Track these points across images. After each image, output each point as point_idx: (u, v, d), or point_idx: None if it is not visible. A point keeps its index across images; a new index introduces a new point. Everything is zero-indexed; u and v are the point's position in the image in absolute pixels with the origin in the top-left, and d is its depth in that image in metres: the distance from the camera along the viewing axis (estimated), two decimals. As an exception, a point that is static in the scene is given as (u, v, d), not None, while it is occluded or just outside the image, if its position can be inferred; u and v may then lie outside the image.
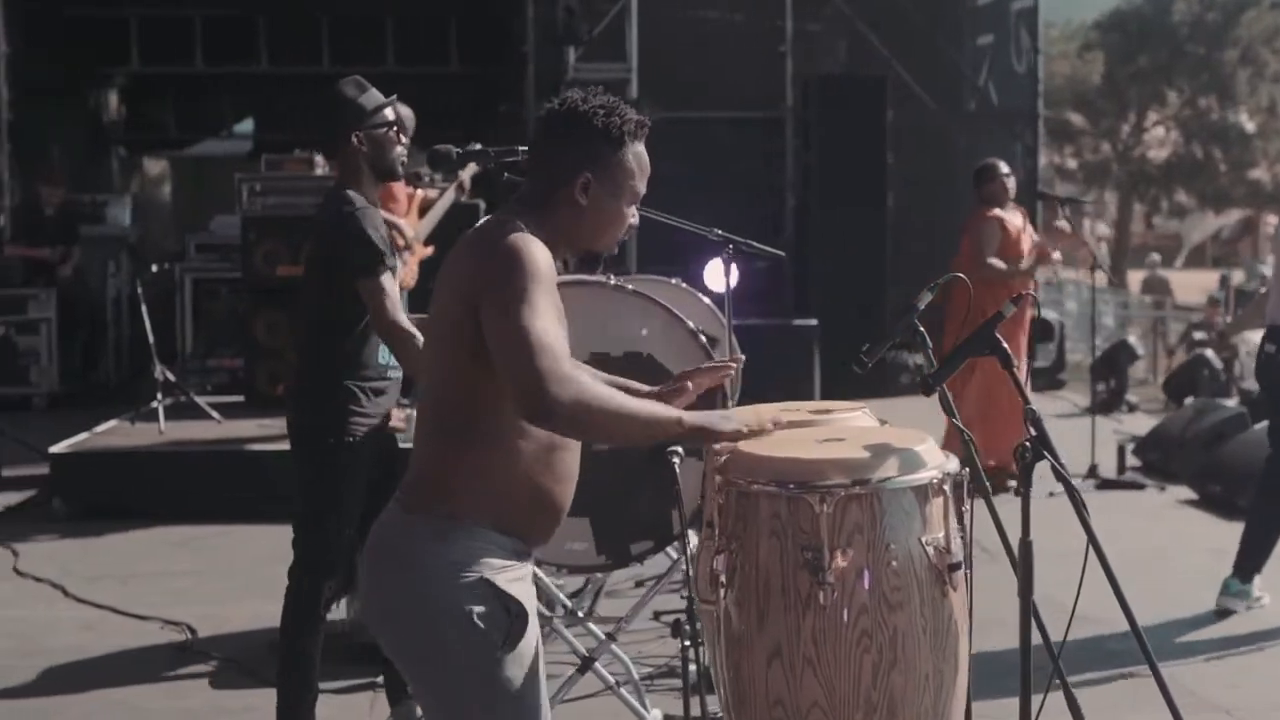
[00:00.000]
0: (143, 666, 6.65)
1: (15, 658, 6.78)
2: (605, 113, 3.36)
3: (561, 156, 3.35)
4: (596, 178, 3.34)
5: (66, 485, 9.70)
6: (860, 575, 3.19)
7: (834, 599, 3.17)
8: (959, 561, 3.26)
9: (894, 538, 3.20)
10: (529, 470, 3.28)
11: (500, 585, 3.25)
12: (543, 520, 3.36)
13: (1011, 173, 10.51)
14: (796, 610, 3.19)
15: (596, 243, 3.45)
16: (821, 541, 3.16)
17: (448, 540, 3.25)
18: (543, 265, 3.21)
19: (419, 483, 3.33)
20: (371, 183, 5.37)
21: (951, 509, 3.30)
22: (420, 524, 3.28)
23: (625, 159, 3.38)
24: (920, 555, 3.23)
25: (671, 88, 15.70)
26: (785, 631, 3.21)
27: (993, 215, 10.18)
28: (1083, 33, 38.96)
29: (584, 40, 14.91)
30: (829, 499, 3.17)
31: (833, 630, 3.18)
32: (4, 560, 8.53)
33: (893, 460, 3.24)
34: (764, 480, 3.26)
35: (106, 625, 7.29)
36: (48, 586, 7.96)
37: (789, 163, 15.99)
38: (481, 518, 3.26)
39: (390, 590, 3.32)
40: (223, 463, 9.57)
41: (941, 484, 3.26)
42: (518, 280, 3.16)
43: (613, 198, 3.37)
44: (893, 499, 3.21)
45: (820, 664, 3.18)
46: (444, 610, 3.24)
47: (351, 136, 5.26)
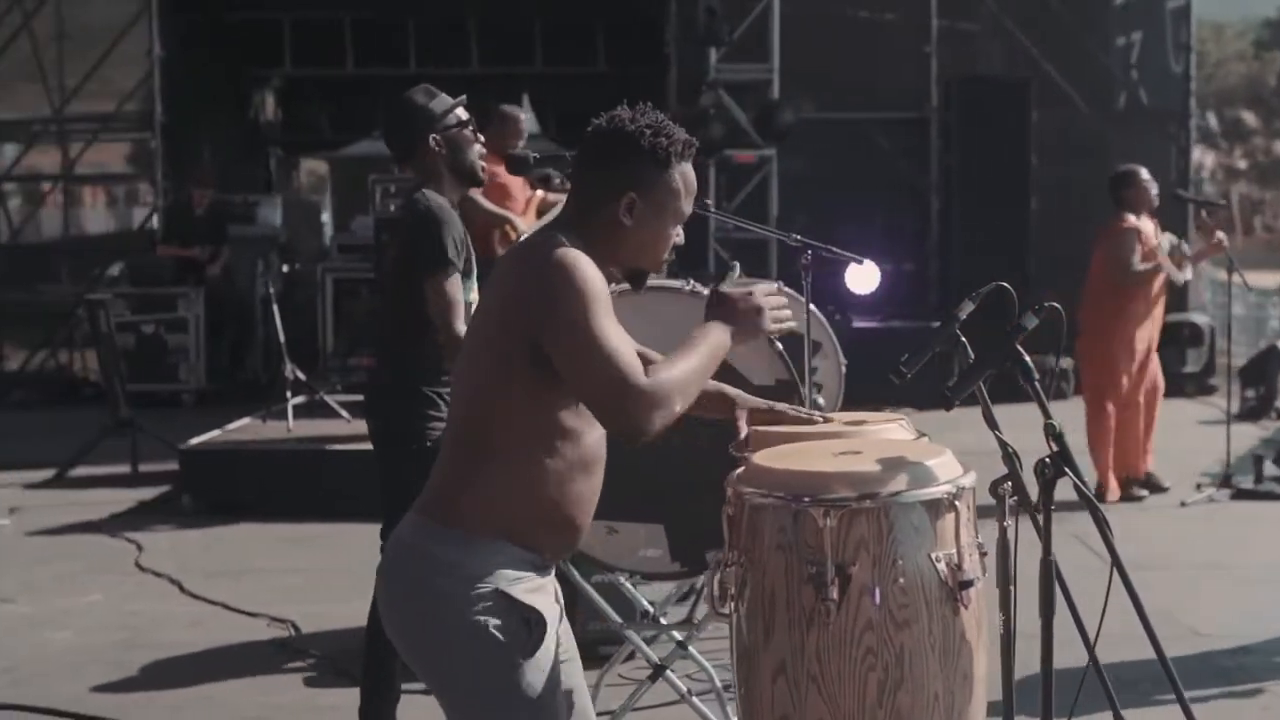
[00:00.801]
0: (241, 662, 6.75)
1: (123, 650, 6.93)
2: (653, 133, 3.31)
3: (607, 176, 3.32)
4: (642, 198, 3.30)
5: (195, 481, 9.90)
6: (866, 591, 3.11)
7: (838, 615, 3.10)
8: (971, 579, 3.17)
9: (902, 553, 3.13)
10: (547, 491, 3.26)
11: (516, 596, 3.23)
12: (559, 539, 3.33)
13: (1152, 179, 10.15)
14: (801, 626, 3.13)
15: (640, 262, 3.41)
16: (826, 556, 3.10)
17: (463, 553, 3.24)
18: (595, 279, 3.18)
19: (437, 496, 3.33)
20: (452, 185, 5.37)
21: (966, 525, 3.21)
22: (436, 537, 3.28)
23: (671, 180, 3.33)
24: (930, 572, 3.15)
25: (817, 88, 15.60)
26: (790, 647, 3.15)
27: (1129, 226, 9.90)
28: (1256, 30, 38.02)
29: (725, 41, 14.85)
30: (834, 512, 3.10)
31: (837, 647, 3.11)
32: (128, 554, 8.74)
33: (903, 474, 3.16)
34: (771, 492, 3.21)
35: (215, 621, 7.41)
36: (165, 581, 8.13)
37: (933, 164, 15.80)
38: (496, 532, 3.24)
39: (407, 603, 3.32)
40: (344, 461, 9.68)
41: (953, 499, 3.17)
42: (582, 304, 3.13)
43: (657, 218, 3.33)
44: (901, 513, 3.13)
45: (825, 681, 3.12)
46: (460, 623, 3.22)
47: (429, 140, 5.28)
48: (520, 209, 9.11)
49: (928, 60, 15.70)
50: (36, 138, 17.47)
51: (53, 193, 17.52)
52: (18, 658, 6.85)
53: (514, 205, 8.99)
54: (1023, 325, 3.43)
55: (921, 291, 15.63)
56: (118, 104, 16.72)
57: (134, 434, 11.09)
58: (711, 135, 14.86)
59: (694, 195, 3.42)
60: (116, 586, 8.09)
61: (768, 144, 15.18)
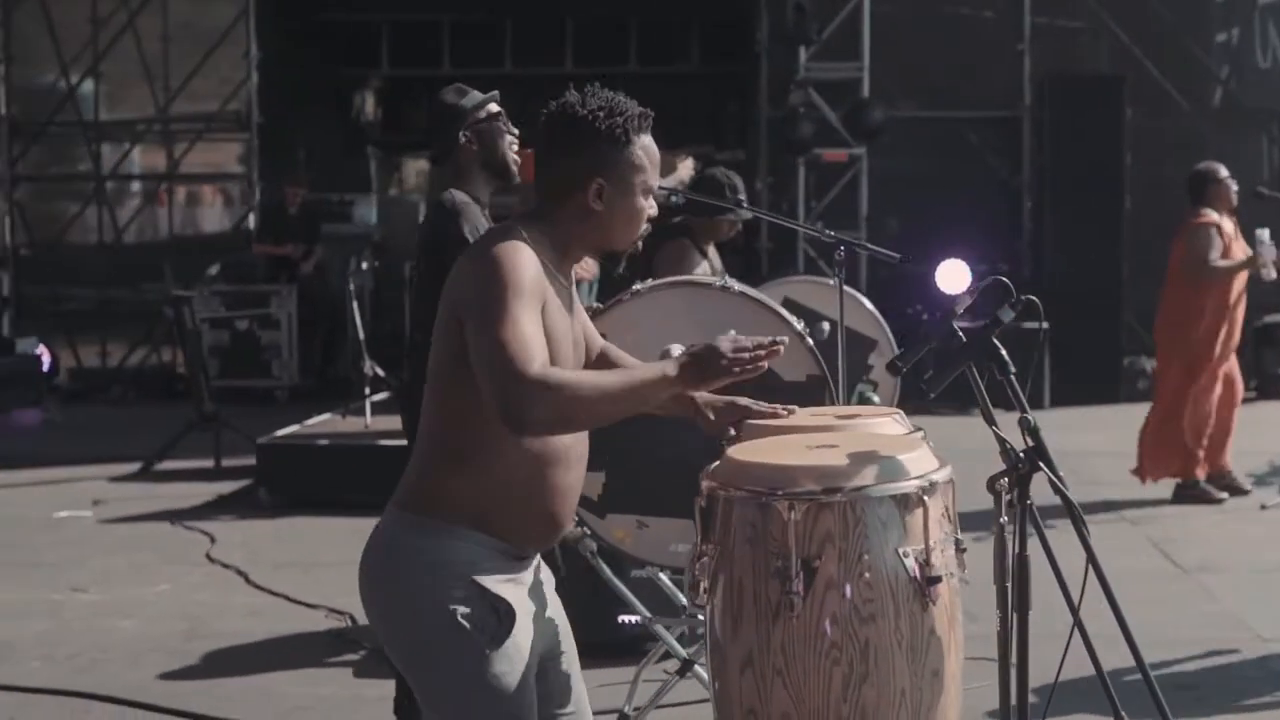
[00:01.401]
0: (295, 653, 6.85)
1: (183, 640, 7.06)
2: (605, 114, 3.32)
3: (570, 164, 3.32)
4: (608, 181, 3.31)
5: (272, 475, 10.04)
6: (832, 585, 3.11)
7: (803, 609, 3.10)
8: (939, 575, 3.16)
9: (868, 548, 3.11)
10: (516, 482, 3.27)
11: (487, 586, 3.26)
12: (534, 530, 3.35)
13: (1231, 177, 10.00)
14: (767, 619, 3.13)
15: (615, 243, 3.43)
16: (790, 549, 3.10)
17: (433, 542, 3.28)
18: (525, 273, 3.18)
19: (408, 485, 3.37)
20: (484, 182, 5.41)
21: (938, 521, 3.19)
22: (409, 526, 3.32)
23: (634, 156, 3.33)
24: (897, 567, 3.13)
25: (908, 86, 15.51)
26: (756, 640, 3.15)
27: (1208, 221, 9.77)
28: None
29: (813, 39, 14.81)
30: (799, 506, 3.10)
31: (802, 641, 3.10)
32: (201, 546, 8.89)
33: (871, 468, 3.15)
34: (740, 485, 3.21)
35: (275, 612, 7.52)
36: (233, 573, 8.26)
37: (1026, 163, 15.65)
38: (468, 521, 3.27)
39: (381, 592, 3.37)
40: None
41: (923, 494, 3.16)
42: (495, 290, 3.14)
43: (626, 197, 3.34)
44: (868, 508, 3.12)
45: (790, 675, 3.12)
46: (430, 611, 3.27)
47: (460, 136, 5.32)
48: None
49: (1021, 58, 15.55)
50: (141, 137, 17.80)
51: (158, 192, 17.82)
52: (83, 645, 7.00)
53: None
54: (999, 319, 3.40)
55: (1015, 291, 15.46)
56: (221, 104, 16.99)
57: (217, 429, 11.27)
58: (801, 134, 14.85)
59: (658, 165, 3.40)
60: (184, 577, 8.24)
61: (858, 143, 15.12)
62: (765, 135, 15.73)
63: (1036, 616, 3.41)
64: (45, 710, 6.16)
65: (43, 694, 6.27)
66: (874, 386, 7.28)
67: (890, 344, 7.43)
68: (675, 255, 7.28)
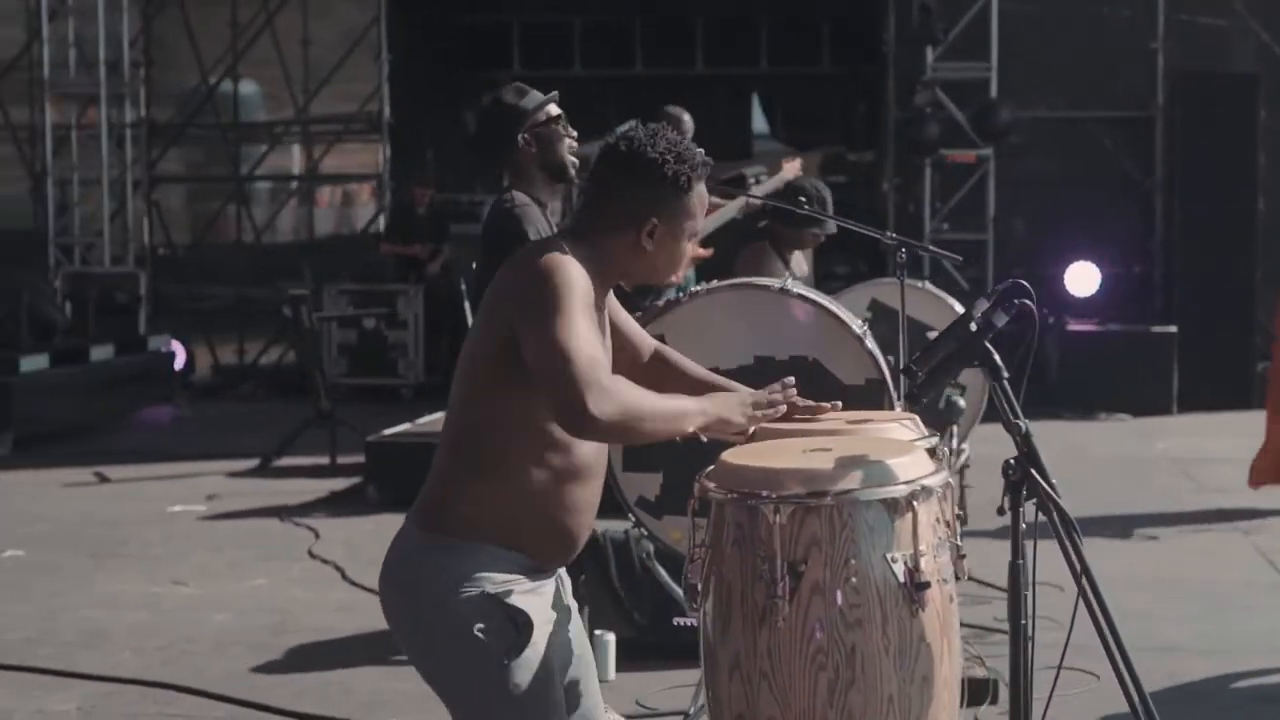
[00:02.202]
0: (379, 649, 6.89)
1: (270, 634, 7.17)
2: (675, 160, 3.36)
3: (629, 201, 3.36)
4: (663, 222, 3.35)
5: (381, 473, 10.16)
6: (817, 590, 3.08)
7: (788, 613, 3.08)
8: (927, 581, 3.11)
9: (854, 553, 3.08)
10: (537, 499, 3.31)
11: (504, 598, 3.29)
12: (552, 547, 3.38)
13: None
14: (754, 623, 3.12)
15: (657, 279, 3.54)
16: (776, 553, 3.08)
17: (451, 558, 3.32)
18: (578, 282, 3.23)
19: (428, 500, 3.41)
20: (543, 183, 5.42)
21: (930, 526, 3.15)
22: (426, 541, 3.37)
23: (690, 203, 3.39)
24: (884, 572, 3.10)
25: (1037, 85, 15.28)
26: (744, 644, 3.13)
27: None
28: None
29: (939, 39, 14.67)
30: (784, 509, 3.08)
31: (787, 645, 3.08)
32: (304, 542, 9.02)
33: (858, 472, 3.12)
34: (729, 488, 3.20)
35: (367, 608, 7.58)
36: (330, 568, 8.37)
37: (1158, 164, 15.35)
38: (486, 535, 3.31)
39: (400, 607, 3.43)
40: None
41: (912, 499, 3.12)
42: (552, 296, 3.18)
43: (675, 240, 3.39)
44: (854, 512, 3.09)
45: (776, 679, 3.10)
46: (448, 626, 3.31)
47: (519, 138, 5.34)
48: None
49: (1154, 56, 15.26)
50: (279, 139, 18.12)
51: (295, 193, 18.12)
52: (174, 637, 7.13)
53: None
54: (992, 322, 3.34)
55: (1146, 294, 15.21)
56: (360, 105, 17.24)
57: (333, 426, 11.44)
58: (927, 135, 14.72)
59: (706, 209, 3.48)
60: (283, 572, 8.37)
61: (985, 143, 14.94)
62: (892, 136, 15.59)
63: (1135, 627, 3.34)
64: (127, 699, 6.29)
65: (125, 683, 6.41)
66: (961, 390, 7.19)
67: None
68: (753, 259, 7.27)
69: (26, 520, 9.81)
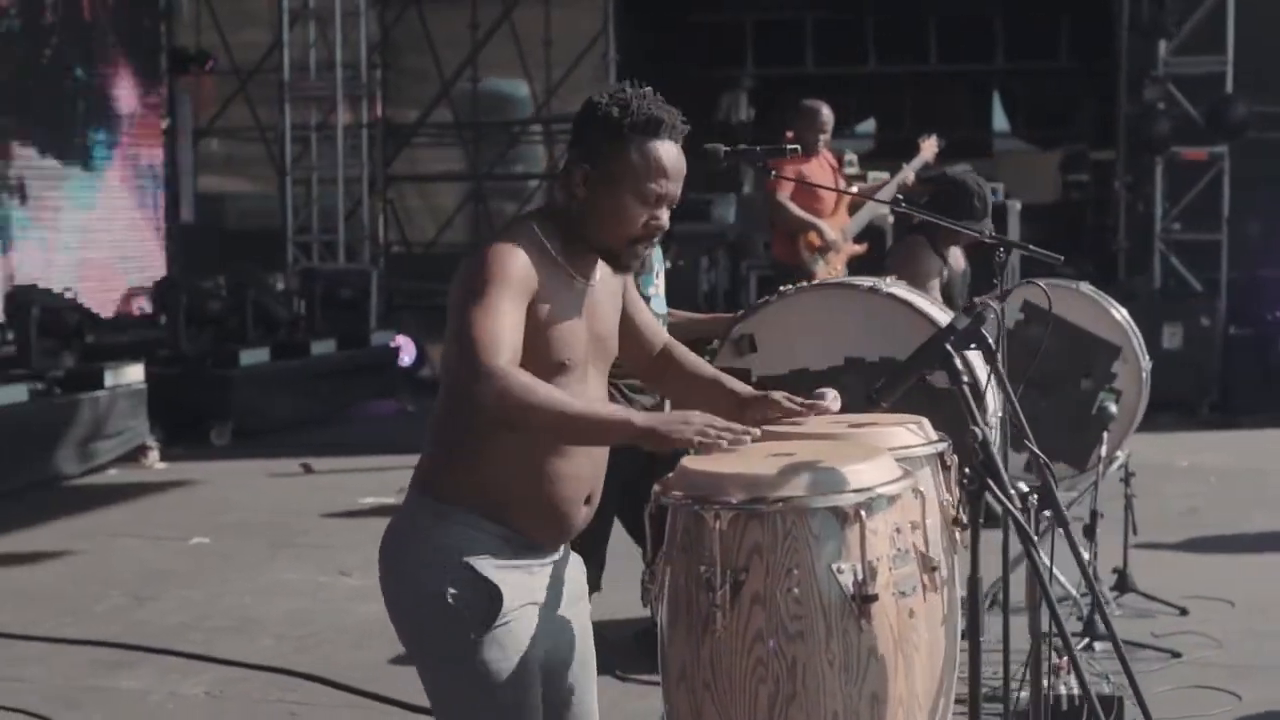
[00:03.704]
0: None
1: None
2: (611, 105, 3.31)
3: (571, 150, 3.37)
4: (595, 169, 3.29)
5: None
6: (757, 599, 2.98)
7: (728, 622, 2.98)
8: (876, 594, 2.98)
9: (797, 562, 2.97)
10: (516, 468, 3.28)
11: (481, 570, 3.27)
12: (540, 518, 3.34)
13: None
14: (697, 631, 3.03)
15: (603, 238, 3.36)
16: (716, 560, 2.99)
17: (436, 524, 3.33)
18: (511, 268, 3.21)
19: (421, 468, 3.43)
20: None
21: (882, 536, 3.02)
22: (418, 508, 3.39)
23: (626, 154, 3.29)
24: (829, 583, 2.97)
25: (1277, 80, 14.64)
26: (689, 653, 3.05)
27: None
28: None
29: (1171, 32, 14.15)
30: (723, 515, 2.98)
31: (728, 656, 2.99)
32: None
33: (805, 479, 2.99)
34: (677, 492, 3.12)
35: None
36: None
37: None
38: (470, 506, 3.31)
39: (385, 571, 3.44)
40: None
41: (860, 509, 2.98)
42: (477, 280, 3.20)
43: (610, 193, 3.30)
44: (798, 520, 2.97)
45: (717, 690, 3.00)
46: (423, 591, 3.31)
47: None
48: (829, 209, 8.98)
49: None
50: (518, 139, 18.38)
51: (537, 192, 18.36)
52: (320, 626, 7.27)
53: (821, 205, 8.88)
54: (954, 325, 3.19)
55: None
56: (598, 105, 17.37)
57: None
58: (1158, 131, 14.22)
59: (671, 176, 3.34)
60: (448, 566, 8.45)
61: (1219, 141, 14.36)
62: (1124, 133, 15.11)
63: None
64: (256, 685, 6.44)
65: (251, 669, 6.56)
66: (1116, 396, 6.92)
67: (1138, 351, 7.06)
68: (908, 254, 7.09)
69: (223, 509, 10.12)
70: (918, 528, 3.12)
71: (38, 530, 9.51)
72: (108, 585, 8.11)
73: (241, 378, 12.93)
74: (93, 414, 11.29)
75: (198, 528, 9.44)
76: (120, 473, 11.44)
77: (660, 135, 3.33)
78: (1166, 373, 12.59)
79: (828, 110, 9.70)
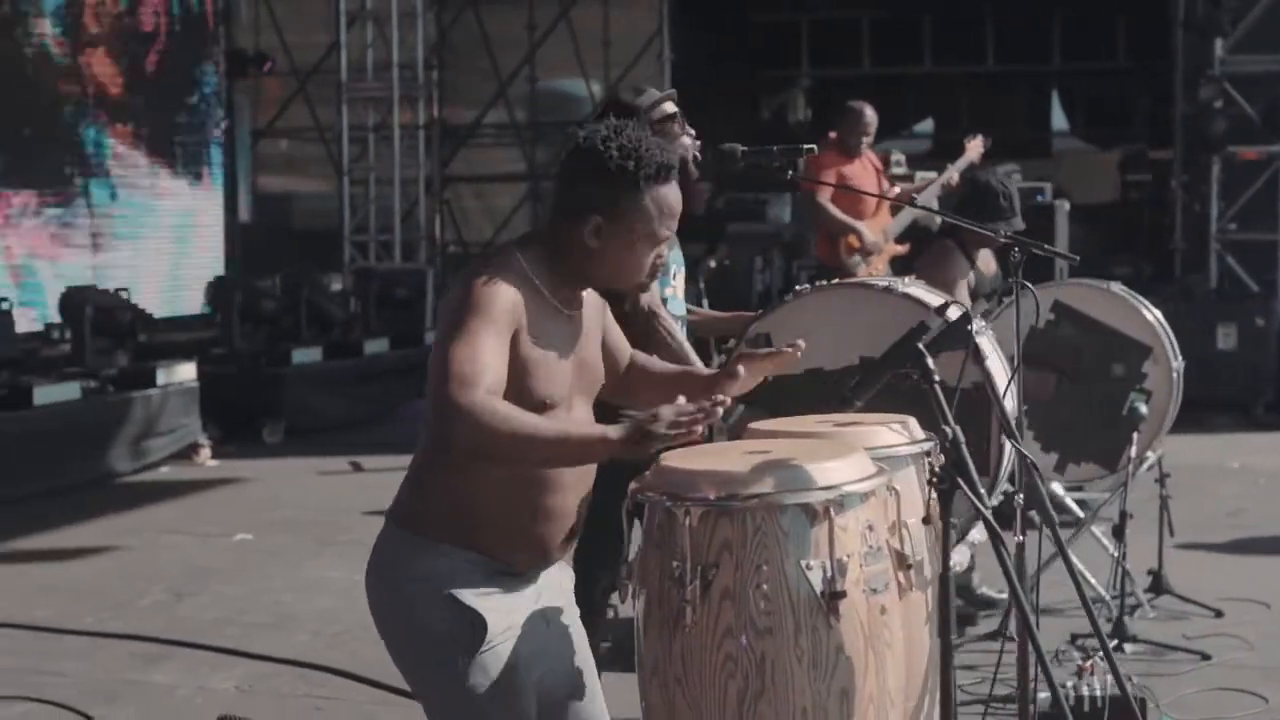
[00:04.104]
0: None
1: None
2: (621, 154, 3.27)
3: (575, 195, 3.31)
4: (608, 221, 3.27)
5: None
6: (727, 595, 3.01)
7: (698, 618, 3.01)
8: (844, 590, 3.00)
9: (766, 558, 3.00)
10: (501, 503, 3.30)
11: (464, 600, 3.30)
12: (519, 553, 3.35)
13: None
14: (669, 627, 3.06)
15: (613, 283, 3.41)
16: (686, 556, 3.02)
17: (416, 555, 3.37)
18: (495, 301, 3.19)
19: (401, 496, 3.48)
20: None
21: (853, 533, 3.04)
22: (398, 539, 3.43)
23: (641, 203, 3.28)
24: (798, 579, 3.00)
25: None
26: (661, 648, 3.09)
27: None
28: None
29: (1226, 31, 14.03)
30: (694, 511, 3.02)
31: (698, 651, 3.02)
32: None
33: (775, 476, 3.02)
34: (652, 489, 3.15)
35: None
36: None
37: None
38: (451, 536, 3.33)
39: (371, 600, 3.49)
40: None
41: (829, 506, 3.01)
42: (458, 313, 3.19)
43: (625, 242, 3.30)
44: (767, 517, 3.00)
45: (688, 685, 3.04)
46: (413, 623, 3.37)
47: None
48: (871, 210, 8.98)
49: None
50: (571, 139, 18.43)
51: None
52: (353, 623, 7.29)
53: (863, 206, 8.88)
54: (925, 326, 3.21)
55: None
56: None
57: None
58: (1213, 130, 14.11)
59: (673, 215, 3.35)
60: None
61: (1276, 140, 14.22)
62: (1180, 132, 15.00)
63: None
64: (285, 680, 6.51)
65: (280, 663, 6.65)
66: (1146, 397, 6.89)
67: (1169, 352, 7.01)
68: (936, 257, 7.08)
69: (271, 506, 10.22)
70: (895, 526, 3.14)
71: (87, 526, 9.65)
72: (151, 581, 8.22)
73: (294, 376, 13.05)
74: (145, 412, 11.42)
75: (243, 524, 9.54)
76: (172, 470, 11.57)
77: (670, 180, 3.33)
78: (1221, 373, 12.59)
79: (871, 111, 9.71)
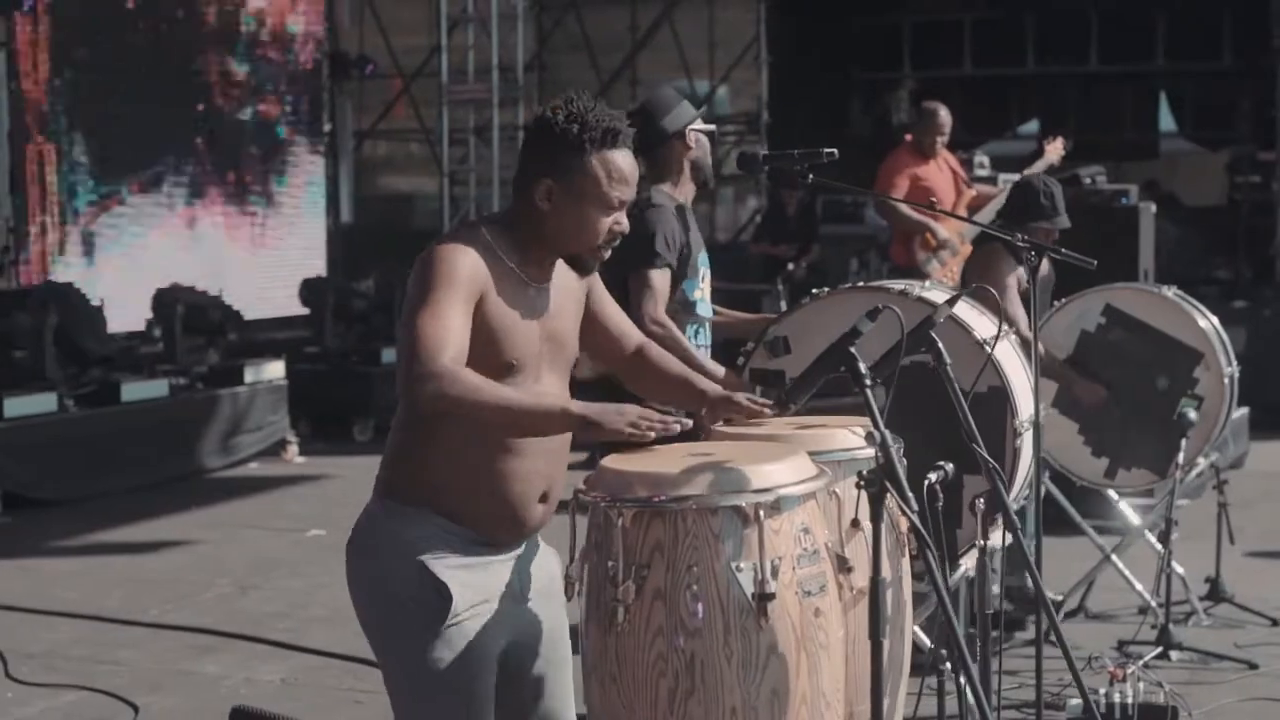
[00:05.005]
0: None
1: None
2: (566, 119, 3.39)
3: (528, 163, 3.45)
4: (558, 184, 3.38)
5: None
6: (658, 595, 3.04)
7: (631, 618, 3.05)
8: (773, 592, 3.02)
9: (697, 559, 3.03)
10: (470, 468, 3.37)
11: (434, 569, 3.36)
12: (493, 515, 3.41)
13: None
14: (604, 626, 3.10)
15: (568, 247, 3.47)
16: (619, 556, 3.06)
17: (391, 522, 3.44)
18: (458, 269, 3.30)
19: (381, 467, 3.54)
20: (685, 182, 5.45)
21: (785, 536, 3.06)
22: (377, 507, 3.50)
23: (588, 165, 3.38)
24: (728, 581, 3.03)
25: None
26: (598, 647, 3.13)
27: None
28: None
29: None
30: (627, 512, 3.06)
31: (632, 650, 3.06)
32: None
33: (707, 478, 3.05)
34: (592, 490, 3.20)
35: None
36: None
37: None
38: (425, 504, 3.40)
39: (348, 571, 3.55)
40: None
41: (760, 509, 3.03)
42: (423, 282, 3.30)
43: (575, 204, 3.39)
44: (699, 519, 3.03)
45: (621, 684, 3.07)
46: (379, 589, 3.43)
47: (684, 131, 5.35)
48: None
49: None
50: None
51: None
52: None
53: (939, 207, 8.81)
54: (857, 328, 3.22)
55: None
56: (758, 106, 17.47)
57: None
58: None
59: (628, 181, 3.43)
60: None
61: (1381, 142, 13.97)
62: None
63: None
64: (330, 673, 6.62)
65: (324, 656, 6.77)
66: (1198, 403, 6.80)
67: (1221, 358, 6.92)
68: (983, 259, 7.05)
69: (349, 503, 10.07)
70: (835, 529, 3.16)
71: (168, 520, 9.86)
72: (219, 574, 8.40)
73: (384, 375, 13.19)
74: (233, 409, 11.64)
75: (319, 520, 9.70)
76: (260, 466, 11.79)
77: (618, 145, 3.42)
78: (1316, 379, 12.33)
79: (945, 112, 9.68)
